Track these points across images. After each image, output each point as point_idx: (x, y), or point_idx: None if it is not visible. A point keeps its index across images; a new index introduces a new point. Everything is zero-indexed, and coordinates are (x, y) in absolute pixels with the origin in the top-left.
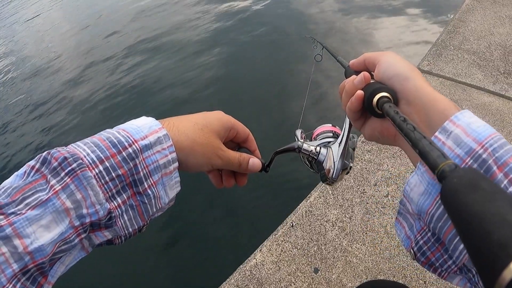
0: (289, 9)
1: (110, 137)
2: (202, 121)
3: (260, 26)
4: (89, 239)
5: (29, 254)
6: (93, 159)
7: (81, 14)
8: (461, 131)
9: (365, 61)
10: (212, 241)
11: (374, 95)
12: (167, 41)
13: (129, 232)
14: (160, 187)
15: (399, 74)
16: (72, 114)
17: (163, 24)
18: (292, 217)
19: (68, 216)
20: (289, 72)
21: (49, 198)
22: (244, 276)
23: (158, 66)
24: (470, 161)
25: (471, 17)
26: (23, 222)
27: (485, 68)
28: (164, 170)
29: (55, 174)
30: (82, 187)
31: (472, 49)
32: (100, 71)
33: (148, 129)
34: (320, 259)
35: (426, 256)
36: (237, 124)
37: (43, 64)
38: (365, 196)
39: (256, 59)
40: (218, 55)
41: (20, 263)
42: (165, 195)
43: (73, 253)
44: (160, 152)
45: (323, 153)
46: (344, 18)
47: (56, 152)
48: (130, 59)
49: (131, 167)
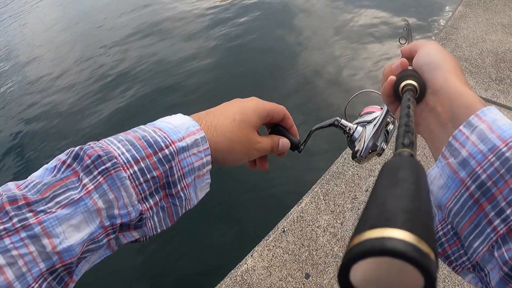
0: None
1: (146, 136)
2: (239, 116)
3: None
4: (117, 238)
5: (58, 254)
6: (128, 158)
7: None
8: (486, 127)
9: (411, 49)
10: (203, 246)
11: (401, 82)
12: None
13: (157, 232)
14: (192, 189)
15: (429, 63)
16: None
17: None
18: (284, 223)
19: (99, 216)
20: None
21: (81, 198)
22: (235, 282)
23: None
24: (492, 158)
25: (463, 24)
26: (53, 221)
27: (477, 75)
28: (197, 172)
29: (88, 172)
30: (116, 187)
31: (464, 56)
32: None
33: (186, 130)
34: (312, 265)
35: (443, 248)
36: (272, 109)
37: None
38: (357, 202)
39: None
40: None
41: (48, 262)
42: (195, 196)
43: (99, 251)
44: (196, 154)
45: (359, 131)
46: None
47: (89, 148)
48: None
49: (167, 169)
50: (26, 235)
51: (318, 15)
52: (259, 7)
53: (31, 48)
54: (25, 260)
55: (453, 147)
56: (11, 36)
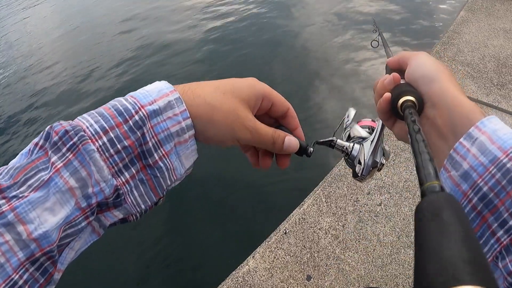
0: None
1: (116, 105)
2: (226, 86)
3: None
4: (99, 220)
5: (35, 241)
6: (96, 129)
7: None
8: (487, 138)
9: (399, 60)
10: (205, 247)
11: (399, 98)
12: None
13: (142, 208)
14: (174, 158)
15: (425, 75)
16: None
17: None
18: (285, 224)
19: (74, 196)
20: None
21: (50, 178)
22: (237, 283)
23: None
24: (494, 170)
25: (465, 29)
26: (25, 206)
27: (479, 80)
28: (177, 138)
29: (56, 149)
30: (86, 163)
31: (466, 61)
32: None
33: (158, 93)
34: (313, 267)
35: None
36: (273, 94)
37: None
38: (358, 205)
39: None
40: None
41: (26, 251)
42: (180, 165)
43: (83, 236)
44: (172, 118)
45: (356, 149)
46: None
47: (58, 125)
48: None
49: (139, 136)
50: (0, 223)
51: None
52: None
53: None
54: (2, 250)
55: (454, 159)
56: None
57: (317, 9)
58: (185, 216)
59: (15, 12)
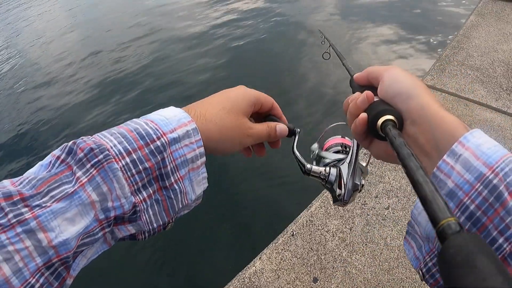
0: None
1: (138, 129)
2: (227, 104)
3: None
4: (112, 232)
5: (53, 248)
6: (120, 150)
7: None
8: (471, 154)
9: (368, 76)
10: (212, 248)
11: (378, 119)
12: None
13: (153, 227)
14: (187, 183)
15: (401, 92)
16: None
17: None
18: (293, 226)
19: (93, 209)
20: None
21: (75, 191)
22: (243, 284)
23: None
24: (480, 187)
25: (475, 33)
26: (48, 215)
27: (488, 85)
28: (191, 165)
29: (81, 165)
30: (109, 179)
31: (475, 65)
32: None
33: (177, 122)
34: (320, 269)
35: (435, 279)
36: (261, 96)
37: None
38: (366, 208)
39: (262, 54)
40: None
41: (44, 257)
42: (191, 191)
43: (95, 246)
44: (188, 146)
45: (333, 173)
46: (349, 26)
47: (82, 142)
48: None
49: (159, 160)
50: (22, 230)
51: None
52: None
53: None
54: (21, 255)
55: (438, 178)
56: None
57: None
58: (192, 217)
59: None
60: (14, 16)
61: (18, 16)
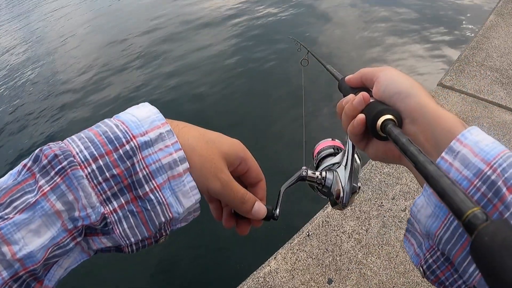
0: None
1: (107, 132)
2: (211, 136)
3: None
4: (87, 242)
5: (19, 261)
6: (85, 156)
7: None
8: (469, 151)
9: (361, 78)
10: (227, 246)
11: (378, 118)
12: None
13: (132, 241)
14: (168, 193)
15: (400, 92)
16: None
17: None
18: (309, 227)
19: (60, 218)
20: (278, 81)
21: (37, 201)
22: (258, 283)
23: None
24: (478, 183)
25: (494, 34)
26: (10, 227)
27: (508, 86)
28: (170, 172)
29: (45, 173)
30: (74, 188)
31: (495, 66)
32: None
33: (150, 124)
34: (335, 270)
35: (435, 275)
36: (252, 161)
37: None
38: (383, 210)
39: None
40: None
41: (10, 270)
42: (176, 203)
43: (72, 255)
44: (163, 150)
45: (330, 177)
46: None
47: (47, 149)
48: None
49: (128, 166)
50: None
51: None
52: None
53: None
54: None
55: None
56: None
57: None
58: (207, 215)
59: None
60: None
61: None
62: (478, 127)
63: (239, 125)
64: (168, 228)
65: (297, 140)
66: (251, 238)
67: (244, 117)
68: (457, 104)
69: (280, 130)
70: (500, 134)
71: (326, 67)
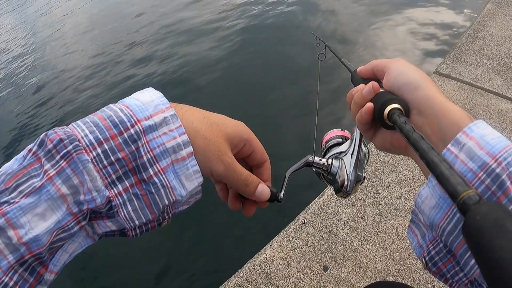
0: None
1: (112, 116)
2: (215, 118)
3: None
4: (92, 226)
5: (25, 245)
6: (90, 140)
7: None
8: (475, 144)
9: (373, 69)
10: (223, 234)
11: (385, 107)
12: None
13: (136, 224)
14: (172, 176)
15: (409, 83)
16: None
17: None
18: (304, 214)
19: (65, 202)
20: (296, 73)
21: (42, 185)
22: (254, 271)
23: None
24: (483, 176)
25: (491, 22)
26: (16, 211)
27: (505, 74)
28: (174, 155)
29: (50, 157)
30: (79, 171)
31: (492, 55)
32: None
33: (154, 108)
34: (330, 258)
35: (437, 267)
36: (256, 142)
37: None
38: (378, 197)
39: (260, 57)
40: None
41: (16, 254)
42: (180, 186)
43: (77, 240)
44: (167, 134)
45: (336, 165)
46: (362, 18)
47: (52, 133)
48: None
49: (133, 150)
50: None
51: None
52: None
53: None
54: None
55: None
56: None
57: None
58: (202, 204)
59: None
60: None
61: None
62: (474, 115)
63: (251, 110)
64: (170, 211)
65: (308, 132)
66: (247, 226)
67: (259, 107)
68: (454, 92)
69: (291, 120)
70: (496, 122)
71: (341, 60)
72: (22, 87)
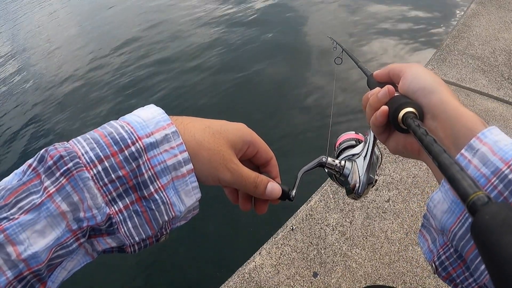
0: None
1: (112, 133)
2: (216, 127)
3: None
4: (91, 244)
5: (23, 261)
6: (91, 158)
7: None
8: (488, 150)
9: (389, 73)
10: (211, 243)
11: (399, 111)
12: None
13: (136, 241)
14: (172, 193)
15: (424, 87)
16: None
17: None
18: (292, 221)
19: (65, 219)
20: (312, 77)
21: (42, 202)
22: (243, 279)
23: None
24: (496, 181)
25: (476, 22)
26: (15, 228)
27: (489, 74)
28: (174, 172)
29: (50, 174)
30: (79, 189)
31: (476, 54)
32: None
33: (155, 125)
34: (320, 263)
35: (447, 272)
36: (259, 142)
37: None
38: (366, 201)
39: (274, 62)
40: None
41: (15, 270)
42: (179, 202)
43: (76, 258)
44: (168, 151)
45: (348, 167)
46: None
47: (53, 149)
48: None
49: (134, 168)
50: None
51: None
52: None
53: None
54: None
55: None
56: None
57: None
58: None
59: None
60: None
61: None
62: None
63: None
64: (168, 227)
65: (324, 135)
66: (236, 234)
67: (277, 108)
68: None
69: (307, 121)
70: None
71: (357, 64)
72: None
